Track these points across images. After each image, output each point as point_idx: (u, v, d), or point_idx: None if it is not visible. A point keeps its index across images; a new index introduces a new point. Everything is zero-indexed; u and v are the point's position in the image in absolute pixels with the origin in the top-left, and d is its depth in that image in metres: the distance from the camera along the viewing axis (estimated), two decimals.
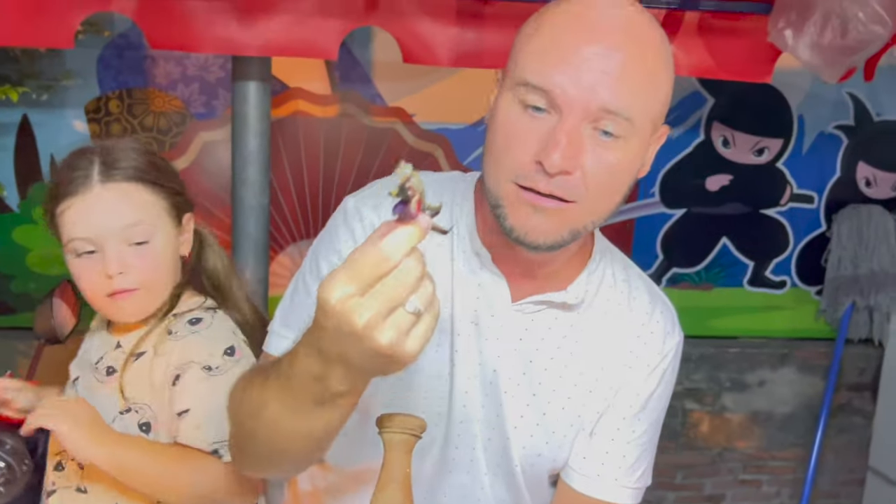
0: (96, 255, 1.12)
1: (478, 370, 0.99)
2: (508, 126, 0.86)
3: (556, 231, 0.87)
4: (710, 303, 2.78)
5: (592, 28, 0.84)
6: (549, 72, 0.82)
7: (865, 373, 2.82)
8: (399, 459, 0.81)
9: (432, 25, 1.67)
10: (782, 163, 2.72)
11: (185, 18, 1.59)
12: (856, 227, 2.68)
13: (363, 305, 0.65)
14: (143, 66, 2.38)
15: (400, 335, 0.66)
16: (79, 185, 1.12)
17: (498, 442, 1.02)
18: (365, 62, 2.48)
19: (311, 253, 1.03)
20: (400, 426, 0.82)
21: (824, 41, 1.52)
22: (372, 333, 0.65)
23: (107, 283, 1.13)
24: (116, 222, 1.12)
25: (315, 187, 2.53)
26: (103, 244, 1.12)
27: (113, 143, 1.18)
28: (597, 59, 0.82)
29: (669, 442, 2.77)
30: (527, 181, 0.85)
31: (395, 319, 0.65)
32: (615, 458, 1.03)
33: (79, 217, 1.12)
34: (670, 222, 2.71)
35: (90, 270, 1.13)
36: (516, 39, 0.89)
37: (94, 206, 1.12)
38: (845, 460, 2.87)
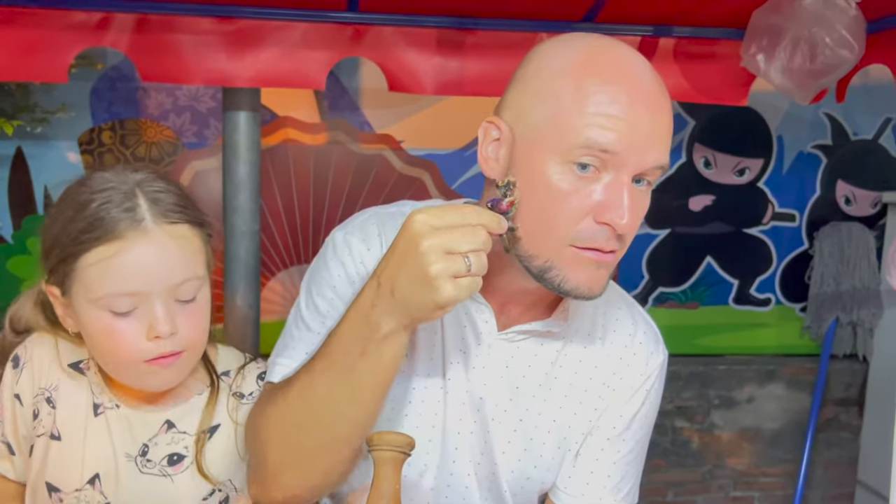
0: (138, 313, 0.92)
1: (466, 398, 1.01)
2: (562, 188, 0.85)
3: (608, 277, 0.91)
4: (696, 321, 2.82)
5: (637, 88, 0.84)
6: (615, 136, 0.82)
7: (851, 387, 2.85)
8: (389, 476, 0.83)
9: (416, 55, 1.72)
10: (763, 182, 2.78)
11: (176, 52, 1.63)
12: (837, 245, 2.73)
13: (434, 235, 0.79)
14: (135, 98, 2.43)
15: (447, 273, 0.78)
16: (124, 227, 0.90)
17: (487, 468, 1.04)
18: (353, 91, 2.53)
19: (305, 287, 1.03)
20: (389, 444, 0.84)
21: (794, 65, 1.57)
22: (429, 258, 0.78)
23: (150, 346, 0.93)
24: (170, 274, 0.92)
25: (305, 214, 2.56)
26: (151, 300, 0.92)
27: (137, 173, 0.96)
28: (651, 122, 0.84)
29: (660, 460, 2.79)
30: (588, 242, 0.85)
31: (450, 260, 0.78)
32: (600, 477, 1.05)
33: (124, 267, 0.90)
34: (655, 242, 2.76)
35: (130, 331, 0.92)
36: (536, 95, 0.87)
37: (146, 253, 0.91)
38: (834, 475, 2.89)
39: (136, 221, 0.90)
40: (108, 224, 0.90)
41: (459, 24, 1.72)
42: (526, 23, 1.74)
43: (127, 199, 0.91)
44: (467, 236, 0.78)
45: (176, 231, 0.93)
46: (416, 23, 1.70)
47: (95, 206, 0.91)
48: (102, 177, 0.94)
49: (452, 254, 0.78)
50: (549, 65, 0.88)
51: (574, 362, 1.04)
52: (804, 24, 1.53)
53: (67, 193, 0.95)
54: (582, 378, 1.04)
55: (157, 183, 0.95)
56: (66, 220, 0.92)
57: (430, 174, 2.61)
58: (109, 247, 0.89)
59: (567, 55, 0.87)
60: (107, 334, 0.93)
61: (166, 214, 0.92)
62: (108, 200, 0.91)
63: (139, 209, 0.91)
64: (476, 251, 0.79)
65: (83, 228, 0.90)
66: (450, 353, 1.01)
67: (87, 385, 1.02)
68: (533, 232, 0.87)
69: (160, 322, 0.91)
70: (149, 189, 0.93)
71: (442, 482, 1.04)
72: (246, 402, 1.03)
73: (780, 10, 1.58)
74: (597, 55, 0.87)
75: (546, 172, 0.85)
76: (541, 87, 0.87)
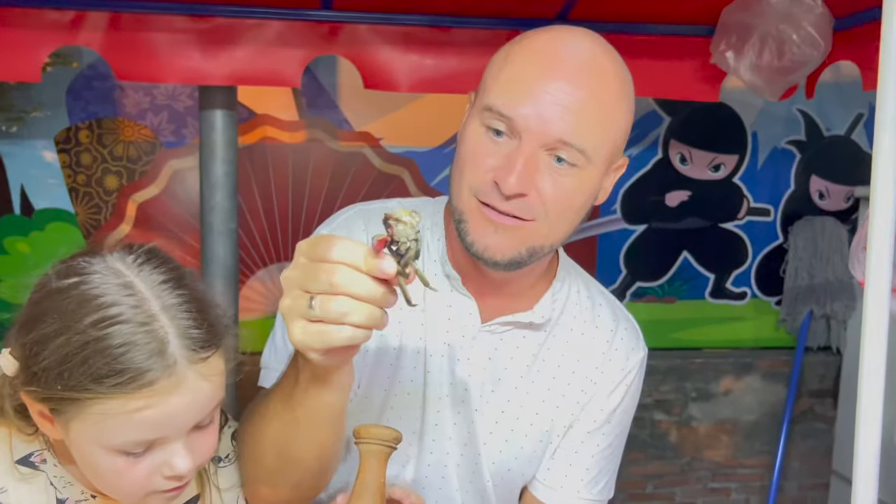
0: (154, 451, 0.80)
1: (449, 390, 1.03)
2: (472, 145, 0.91)
3: (515, 248, 0.91)
4: (673, 315, 2.85)
5: (558, 63, 0.88)
6: (514, 101, 0.87)
7: (826, 379, 2.89)
8: (375, 469, 0.84)
9: (391, 53, 1.73)
10: (738, 178, 2.81)
11: (151, 50, 1.64)
12: (811, 239, 2.77)
13: (296, 266, 0.70)
14: (112, 97, 2.42)
15: (293, 312, 0.69)
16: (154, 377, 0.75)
17: (470, 458, 1.06)
18: (331, 88, 2.54)
19: None
20: (376, 437, 0.84)
21: (763, 62, 1.60)
22: (285, 290, 0.71)
23: (160, 482, 0.81)
24: (197, 416, 0.80)
25: (284, 212, 2.57)
26: (168, 440, 0.79)
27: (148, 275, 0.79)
28: (558, 93, 0.87)
29: (639, 453, 2.82)
30: (485, 197, 0.89)
31: (298, 297, 0.69)
32: (578, 470, 1.07)
33: (150, 419, 0.76)
34: (632, 238, 2.78)
35: (143, 472, 0.80)
36: (489, 65, 0.94)
37: (177, 403, 0.77)
38: (810, 465, 2.93)
39: (167, 367, 0.75)
40: (134, 372, 0.74)
41: (434, 21, 1.74)
42: (500, 21, 1.76)
43: (153, 338, 0.75)
44: (320, 275, 0.67)
45: (209, 368, 0.79)
46: (391, 21, 1.72)
47: (115, 344, 0.74)
48: (115, 287, 0.77)
49: (305, 292, 0.68)
50: (507, 49, 0.93)
51: (557, 356, 1.06)
52: (772, 22, 1.56)
53: (67, 302, 0.76)
54: (564, 371, 1.06)
55: (179, 296, 0.79)
56: (73, 351, 0.74)
57: (409, 172, 2.62)
58: (134, 399, 0.74)
59: (522, 40, 0.93)
60: (115, 471, 0.80)
61: (199, 350, 0.78)
62: (131, 339, 0.74)
63: (169, 350, 0.75)
64: (328, 294, 0.67)
65: (101, 373, 0.73)
66: (434, 346, 1.02)
67: (45, 480, 0.87)
68: (452, 182, 0.94)
69: (180, 463, 0.80)
70: (177, 316, 0.77)
71: (420, 474, 1.06)
72: (224, 465, 0.96)
73: (748, 8, 1.61)
74: (541, 34, 0.92)
75: (467, 130, 0.92)
76: (492, 66, 0.94)
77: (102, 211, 2.47)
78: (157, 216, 2.49)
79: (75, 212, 2.45)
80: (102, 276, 0.77)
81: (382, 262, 0.66)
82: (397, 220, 0.66)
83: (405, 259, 0.67)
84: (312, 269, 0.68)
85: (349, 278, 0.66)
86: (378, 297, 0.67)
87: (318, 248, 0.68)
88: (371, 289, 0.67)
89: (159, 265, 0.80)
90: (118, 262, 0.79)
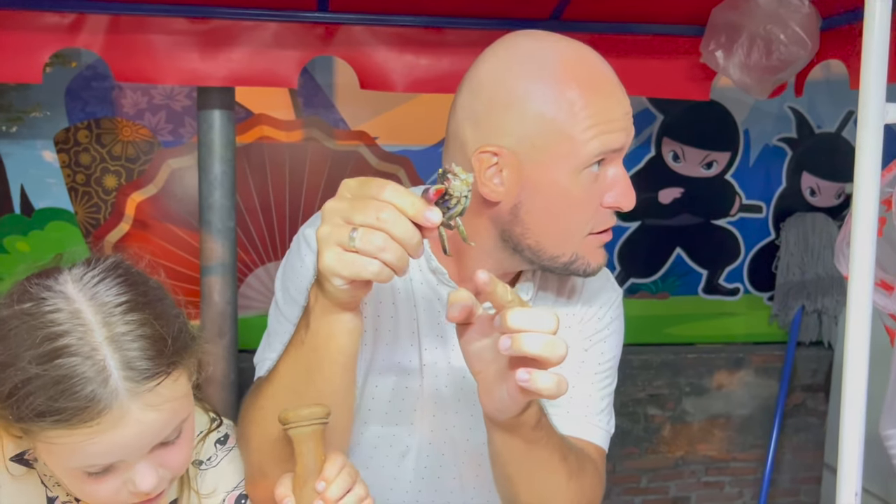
0: (116, 470, 0.80)
1: (447, 380, 1.05)
2: (580, 196, 0.91)
3: None
4: (667, 311, 2.88)
5: (608, 79, 0.92)
6: (613, 136, 0.90)
7: (817, 374, 2.92)
8: (313, 451, 0.81)
9: (387, 53, 1.75)
10: (731, 175, 2.84)
11: (150, 52, 1.66)
12: (802, 235, 2.80)
13: (341, 199, 0.74)
14: (111, 97, 2.44)
15: (331, 239, 0.73)
16: (96, 411, 0.74)
17: (473, 442, 1.07)
18: (327, 88, 2.56)
19: (282, 285, 1.05)
20: (308, 418, 0.80)
21: (751, 61, 1.63)
22: (325, 219, 0.74)
23: (132, 497, 0.81)
24: (152, 440, 0.80)
25: (282, 210, 2.59)
26: (132, 461, 0.79)
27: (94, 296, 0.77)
28: (625, 106, 0.92)
29: (633, 447, 2.85)
30: (601, 227, 0.94)
31: (339, 227, 0.73)
32: (578, 407, 1.07)
33: (97, 449, 0.76)
34: (626, 235, 2.81)
35: (107, 487, 0.80)
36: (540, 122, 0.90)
37: (123, 434, 0.76)
38: (803, 459, 2.96)
39: (110, 400, 0.74)
40: (73, 409, 0.73)
41: (428, 23, 1.76)
42: (494, 21, 1.79)
43: (96, 371, 0.74)
44: (368, 210, 0.71)
45: (157, 396, 0.77)
46: (386, 22, 1.74)
47: (56, 384, 0.73)
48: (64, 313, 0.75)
49: (347, 223, 0.72)
50: (531, 87, 0.90)
51: None
52: (760, 22, 1.59)
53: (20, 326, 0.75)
54: None
55: (130, 322, 0.77)
56: (17, 384, 0.74)
57: (405, 170, 2.65)
58: (78, 433, 0.74)
59: (541, 73, 0.91)
60: (81, 489, 0.81)
61: (144, 380, 0.76)
62: (72, 375, 0.73)
63: (110, 383, 0.74)
64: (370, 227, 0.71)
65: (42, 409, 0.73)
66: (427, 340, 1.04)
67: (36, 478, 0.88)
68: (556, 234, 0.93)
69: (143, 482, 0.79)
70: (122, 345, 0.76)
71: (420, 464, 1.08)
72: (205, 469, 0.96)
73: (737, 8, 1.64)
74: (568, 66, 0.91)
75: (563, 184, 0.90)
76: (533, 110, 0.90)
77: (102, 210, 2.49)
78: (156, 215, 2.51)
79: (75, 211, 2.47)
80: (52, 303, 0.76)
81: (429, 211, 0.71)
82: (455, 175, 0.73)
83: (452, 212, 0.74)
84: (362, 203, 0.72)
85: (394, 218, 0.71)
86: (413, 241, 0.72)
87: (371, 186, 0.72)
88: (409, 232, 0.71)
89: (116, 283, 0.79)
90: (72, 283, 0.78)
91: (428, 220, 0.71)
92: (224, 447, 0.98)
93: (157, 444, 0.80)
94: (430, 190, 0.73)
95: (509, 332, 0.73)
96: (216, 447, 0.97)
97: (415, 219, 0.71)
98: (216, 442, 0.97)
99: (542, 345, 0.72)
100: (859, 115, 0.81)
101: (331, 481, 0.79)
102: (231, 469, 0.97)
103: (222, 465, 0.97)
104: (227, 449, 0.98)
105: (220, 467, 0.96)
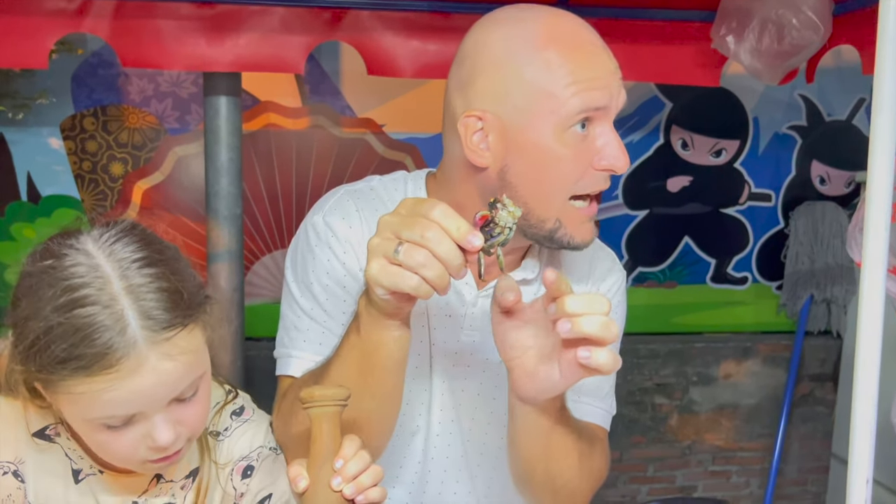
0: (136, 424, 0.82)
1: (455, 358, 1.06)
2: (566, 154, 0.91)
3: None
4: (675, 300, 2.87)
5: (591, 41, 0.92)
6: (595, 93, 0.90)
7: (826, 363, 2.91)
8: (331, 431, 0.81)
9: (394, 39, 1.74)
10: (740, 163, 2.82)
11: (156, 37, 1.65)
12: (811, 224, 2.78)
13: (396, 214, 0.78)
14: (117, 84, 2.43)
15: (379, 250, 0.77)
16: (114, 358, 0.76)
17: (481, 421, 1.09)
18: (334, 75, 2.55)
19: (295, 277, 1.05)
20: (328, 399, 0.82)
21: (763, 47, 1.61)
22: (377, 231, 0.79)
23: (146, 453, 0.84)
24: (170, 392, 0.82)
25: (288, 198, 2.59)
26: (146, 415, 0.82)
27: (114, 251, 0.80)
28: (612, 66, 0.92)
29: (640, 436, 2.85)
30: (590, 188, 0.93)
31: (387, 240, 0.77)
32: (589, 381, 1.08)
33: (117, 398, 0.78)
34: (634, 223, 2.80)
35: (128, 442, 0.83)
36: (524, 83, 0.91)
37: (141, 382, 0.78)
38: (810, 448, 2.96)
39: (128, 347, 0.77)
40: (93, 356, 0.76)
41: (436, 7, 1.75)
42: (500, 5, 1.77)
43: (115, 318, 0.77)
44: (415, 227, 0.75)
45: (174, 346, 0.80)
46: (393, 7, 1.73)
47: (76, 332, 0.76)
48: (85, 269, 0.79)
49: (395, 237, 0.77)
50: (511, 49, 0.92)
51: None
52: (771, 6, 1.57)
53: (41, 285, 0.79)
54: None
55: (147, 276, 0.80)
56: (39, 334, 0.77)
57: (411, 158, 2.64)
58: (98, 381, 0.77)
59: (522, 36, 0.92)
60: (102, 443, 0.84)
61: (161, 329, 0.79)
62: (93, 322, 0.76)
63: (129, 332, 0.77)
64: (414, 244, 0.75)
65: (63, 356, 0.76)
66: (435, 319, 1.05)
67: (61, 451, 0.92)
68: (542, 195, 0.93)
69: (161, 436, 0.82)
70: (140, 296, 0.78)
71: (429, 443, 1.10)
72: (221, 439, 0.99)
73: None
74: (549, 29, 0.92)
75: (548, 144, 0.91)
76: (514, 71, 0.91)
77: (108, 197, 2.49)
78: (162, 202, 2.51)
79: (81, 198, 2.47)
80: (73, 258, 0.79)
81: (472, 236, 0.75)
82: (504, 206, 0.77)
83: (493, 241, 0.77)
84: (411, 220, 0.76)
85: (438, 237, 0.75)
86: (454, 263, 0.75)
87: (423, 206, 0.76)
88: (451, 253, 0.75)
89: (133, 242, 0.82)
90: (91, 241, 0.81)
91: (470, 244, 0.75)
92: (239, 418, 1.00)
93: (174, 401, 0.83)
94: (477, 215, 0.78)
95: (567, 317, 0.77)
96: (232, 419, 1.00)
97: (458, 241, 0.75)
98: (232, 414, 1.00)
99: (599, 326, 0.77)
100: (874, 100, 0.80)
101: (349, 459, 0.81)
102: (244, 440, 0.99)
103: (236, 436, 0.99)
104: (241, 420, 1.00)
105: (234, 437, 0.99)
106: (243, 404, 1.03)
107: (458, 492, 1.13)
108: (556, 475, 0.98)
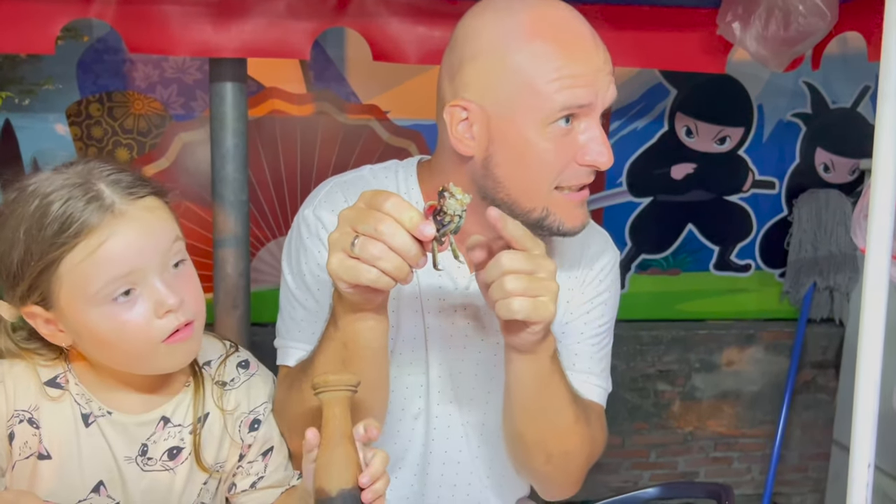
0: (139, 296, 0.90)
1: (450, 341, 1.08)
2: (548, 148, 0.93)
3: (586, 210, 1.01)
4: (678, 287, 2.88)
5: (582, 35, 0.92)
6: (578, 91, 0.90)
7: (828, 351, 2.92)
8: (340, 416, 0.84)
9: (400, 25, 1.74)
10: (744, 151, 2.82)
11: (162, 23, 1.65)
12: (815, 211, 2.78)
13: (354, 208, 0.81)
14: (123, 70, 2.44)
15: (338, 244, 0.79)
16: (98, 218, 0.87)
17: (478, 403, 1.10)
18: (339, 61, 2.55)
19: (290, 268, 1.08)
20: (339, 384, 0.84)
21: (769, 33, 1.61)
22: (338, 225, 0.81)
23: (163, 324, 0.90)
24: (157, 244, 0.91)
25: (293, 184, 2.59)
26: (148, 278, 0.90)
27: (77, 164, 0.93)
28: (602, 62, 0.92)
29: (643, 422, 2.87)
30: (572, 182, 0.95)
31: (345, 234, 0.79)
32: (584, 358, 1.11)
33: (112, 252, 0.87)
34: (637, 210, 2.80)
35: (139, 316, 0.90)
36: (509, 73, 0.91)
37: (127, 233, 0.88)
38: (811, 435, 2.97)
39: (107, 207, 0.87)
40: (80, 219, 0.86)
41: None
42: None
43: (87, 191, 0.88)
44: (369, 220, 0.77)
45: (146, 204, 0.91)
46: None
47: (59, 207, 0.87)
48: (47, 179, 0.90)
49: (353, 230, 0.79)
50: (499, 39, 0.92)
51: None
52: None
53: (13, 208, 0.90)
54: None
55: (105, 166, 0.92)
56: (30, 232, 0.87)
57: (416, 144, 2.64)
58: (90, 240, 0.86)
59: (510, 26, 0.92)
60: (116, 328, 0.89)
61: (131, 192, 0.90)
62: (70, 197, 0.87)
63: (104, 195, 0.88)
64: (370, 237, 0.77)
65: (56, 231, 0.86)
66: (429, 302, 1.06)
67: (70, 398, 0.98)
68: (525, 187, 0.94)
69: (165, 295, 0.89)
70: (102, 174, 0.90)
71: (430, 425, 1.12)
72: (229, 389, 1.04)
73: None
74: (538, 20, 0.92)
75: (530, 138, 0.92)
76: (499, 62, 0.91)
77: None
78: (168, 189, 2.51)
79: None
80: (35, 182, 0.90)
81: (424, 225, 0.76)
82: (451, 194, 0.77)
83: (445, 229, 0.78)
84: (365, 213, 0.78)
85: (391, 229, 0.76)
86: (410, 253, 0.77)
87: (377, 198, 0.78)
88: (406, 244, 0.76)
89: (86, 163, 0.93)
90: (51, 171, 0.92)
91: (422, 234, 0.76)
92: (246, 371, 1.07)
93: (168, 268, 0.91)
94: (425, 205, 0.79)
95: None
96: (238, 370, 1.06)
97: (411, 231, 0.77)
98: (238, 365, 1.06)
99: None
100: (880, 87, 0.80)
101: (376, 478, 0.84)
102: (252, 393, 1.05)
103: (244, 388, 1.05)
104: (248, 374, 1.06)
105: (241, 388, 1.05)
106: (247, 358, 1.09)
107: (460, 472, 1.15)
108: (549, 435, 0.99)
